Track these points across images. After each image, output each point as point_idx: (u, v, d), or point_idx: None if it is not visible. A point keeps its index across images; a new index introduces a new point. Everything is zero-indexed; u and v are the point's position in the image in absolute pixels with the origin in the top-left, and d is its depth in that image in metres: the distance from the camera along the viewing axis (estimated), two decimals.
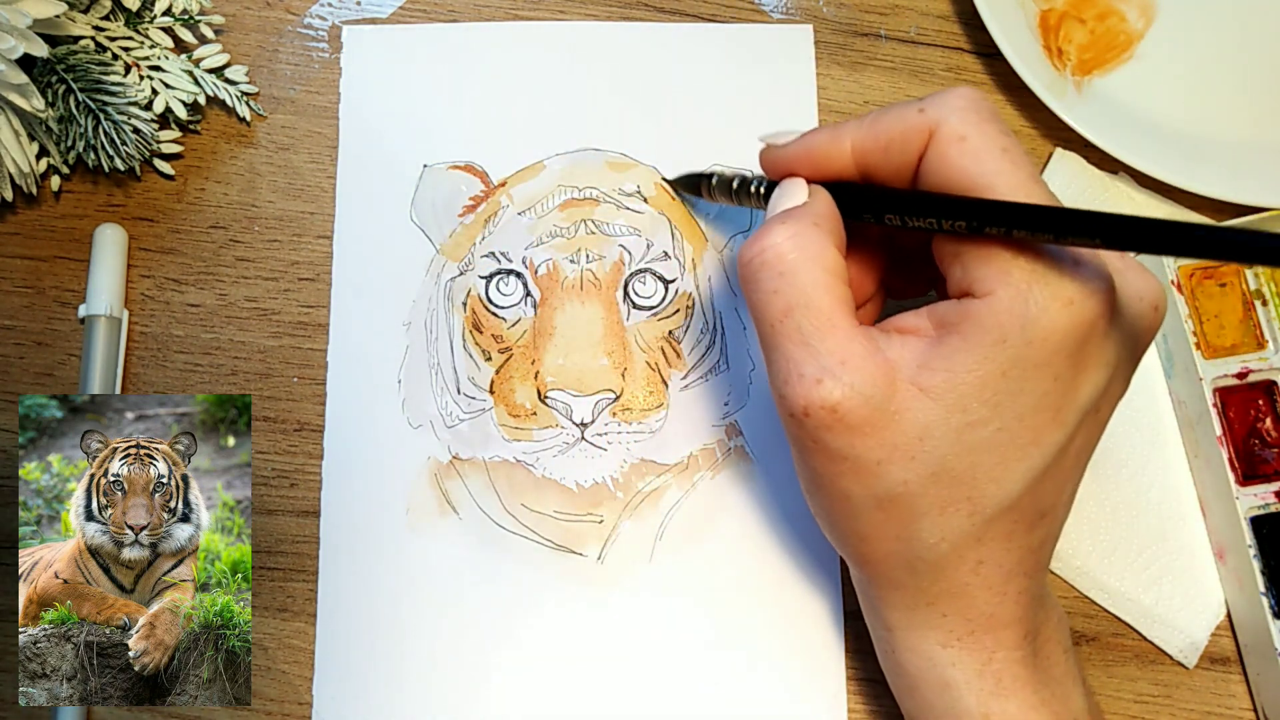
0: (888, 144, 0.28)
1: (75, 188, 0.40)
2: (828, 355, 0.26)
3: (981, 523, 0.27)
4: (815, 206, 0.29)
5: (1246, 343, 0.39)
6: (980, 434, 0.26)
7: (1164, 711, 0.38)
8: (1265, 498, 0.38)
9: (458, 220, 0.40)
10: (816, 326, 0.26)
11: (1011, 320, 0.25)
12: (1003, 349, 0.25)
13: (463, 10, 0.42)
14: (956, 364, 0.25)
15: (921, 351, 0.26)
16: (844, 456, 0.26)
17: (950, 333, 0.26)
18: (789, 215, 0.28)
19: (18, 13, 0.33)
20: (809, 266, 0.27)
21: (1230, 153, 0.42)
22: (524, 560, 0.38)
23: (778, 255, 0.27)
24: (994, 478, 0.26)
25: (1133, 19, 0.43)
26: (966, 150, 0.26)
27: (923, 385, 0.26)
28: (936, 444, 0.26)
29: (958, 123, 0.26)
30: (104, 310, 0.38)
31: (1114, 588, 0.39)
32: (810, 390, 0.26)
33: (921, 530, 0.27)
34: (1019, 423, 0.26)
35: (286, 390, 0.39)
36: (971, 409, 0.25)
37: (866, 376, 0.26)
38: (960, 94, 0.27)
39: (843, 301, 0.27)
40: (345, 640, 0.37)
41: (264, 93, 0.41)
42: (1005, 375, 0.25)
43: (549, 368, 0.39)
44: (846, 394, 0.26)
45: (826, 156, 0.29)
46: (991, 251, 0.25)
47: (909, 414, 0.26)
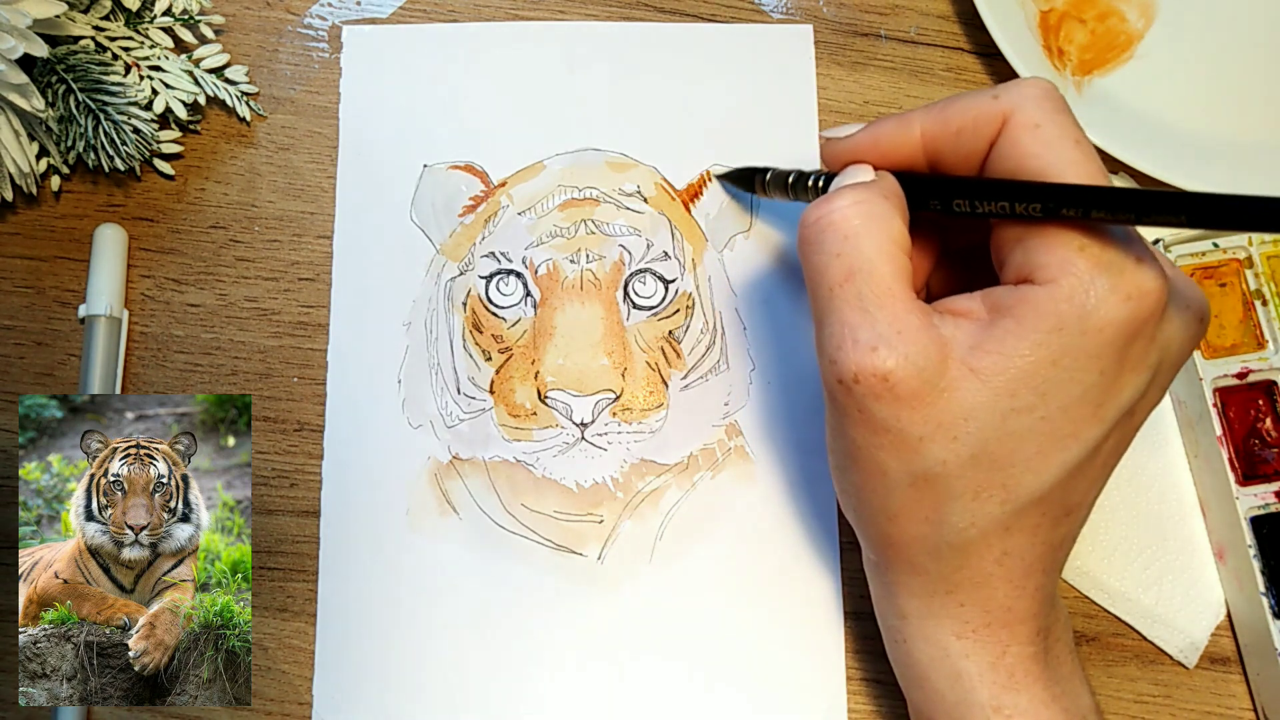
0: (959, 129, 0.28)
1: (75, 188, 0.40)
2: (885, 323, 0.26)
3: (1012, 511, 0.27)
4: (883, 183, 0.29)
5: (1246, 343, 0.39)
6: (1024, 421, 0.26)
7: (1164, 711, 0.38)
8: (1265, 498, 0.38)
9: (458, 220, 0.40)
10: (876, 294, 0.26)
11: (1070, 309, 0.25)
12: (1058, 336, 0.25)
13: (463, 10, 0.42)
14: (1009, 347, 0.25)
15: (974, 333, 0.26)
16: (887, 428, 0.27)
17: (1004, 316, 0.26)
18: (857, 186, 0.28)
19: (18, 13, 0.33)
20: (875, 233, 0.27)
21: (1230, 153, 0.42)
22: (524, 560, 0.38)
23: (844, 218, 0.27)
24: (1031, 467, 0.26)
25: (1133, 19, 0.43)
26: (1040, 138, 0.26)
27: (974, 366, 0.26)
28: (980, 426, 0.26)
29: (1033, 110, 0.27)
30: (104, 310, 0.38)
31: (1114, 588, 0.39)
32: (864, 357, 0.26)
33: (952, 513, 0.27)
34: (1062, 413, 0.26)
35: (286, 390, 0.39)
36: (1019, 394, 0.26)
37: (921, 349, 0.26)
38: (1035, 83, 0.27)
39: (904, 272, 0.27)
40: (345, 640, 0.37)
41: (264, 93, 0.41)
42: (1056, 364, 0.25)
43: (549, 368, 0.39)
44: (900, 363, 0.26)
45: (895, 143, 0.29)
46: (1057, 240, 0.26)
47: (958, 393, 0.26)
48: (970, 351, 0.26)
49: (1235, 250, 0.40)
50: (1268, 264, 0.40)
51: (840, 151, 0.31)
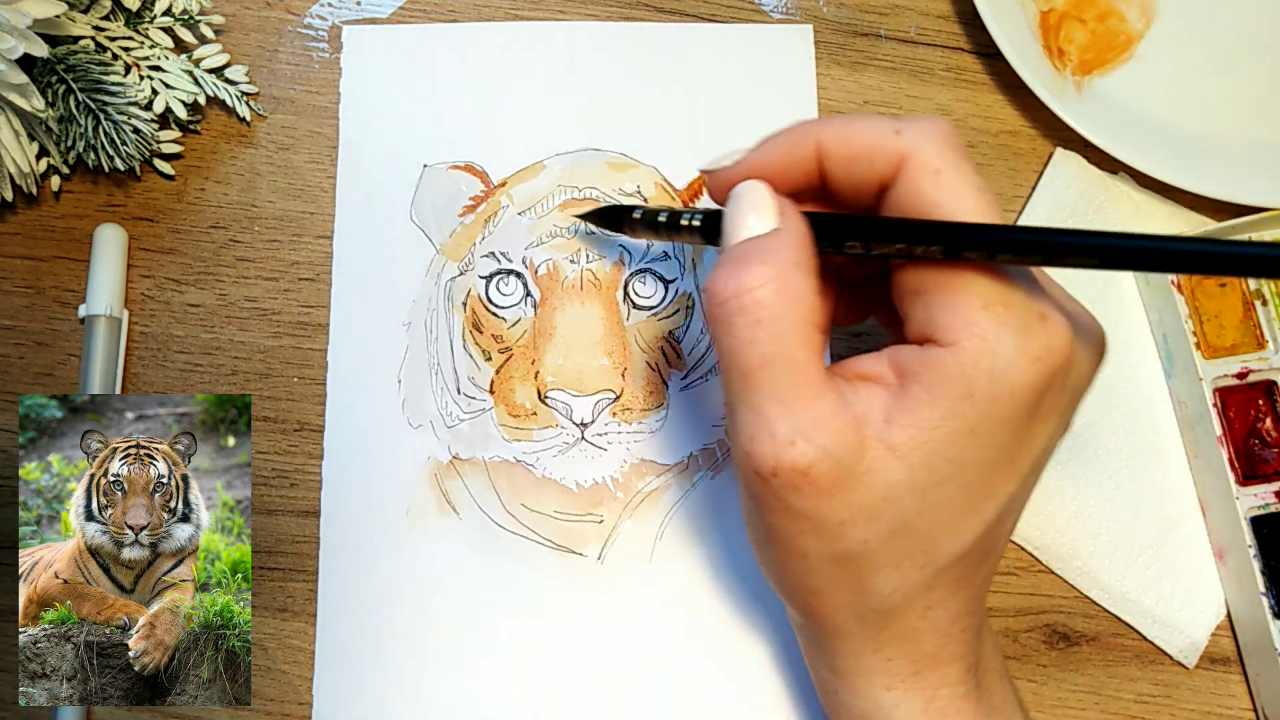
0: (854, 156, 0.26)
1: (75, 188, 0.40)
2: (802, 413, 0.25)
3: (934, 573, 0.26)
4: (792, 238, 0.26)
5: (1246, 343, 0.39)
6: (943, 491, 0.25)
7: (1164, 711, 0.38)
8: (1265, 498, 0.38)
9: (458, 220, 0.40)
10: (793, 382, 0.25)
11: (978, 374, 0.24)
12: (970, 404, 0.24)
13: (463, 10, 0.42)
14: (923, 419, 0.25)
15: (886, 403, 0.25)
16: (807, 516, 0.26)
17: (913, 382, 0.25)
18: (767, 251, 0.26)
19: (18, 13, 0.33)
20: (791, 316, 0.25)
21: (1230, 153, 0.42)
22: (524, 560, 0.38)
23: (757, 302, 0.25)
24: (951, 531, 0.26)
25: (1133, 19, 0.43)
26: (942, 185, 0.25)
27: (890, 443, 0.25)
28: (900, 503, 0.25)
29: (934, 155, 0.25)
30: (104, 310, 0.38)
31: (1114, 588, 0.39)
32: (782, 451, 0.25)
33: (875, 584, 0.26)
34: (978, 477, 0.25)
35: (286, 390, 0.39)
36: (937, 467, 0.25)
37: (839, 438, 0.25)
38: (937, 125, 0.26)
39: (819, 353, 0.26)
40: (345, 640, 0.37)
41: (264, 93, 0.41)
42: (972, 432, 0.24)
43: (549, 368, 0.39)
44: (819, 456, 0.25)
45: (789, 159, 0.27)
46: (959, 298, 0.24)
47: (878, 474, 0.25)
48: (885, 426, 0.25)
49: None
50: None
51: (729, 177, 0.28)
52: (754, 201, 0.27)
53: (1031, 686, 0.38)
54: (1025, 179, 0.42)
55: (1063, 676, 0.38)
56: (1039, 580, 0.39)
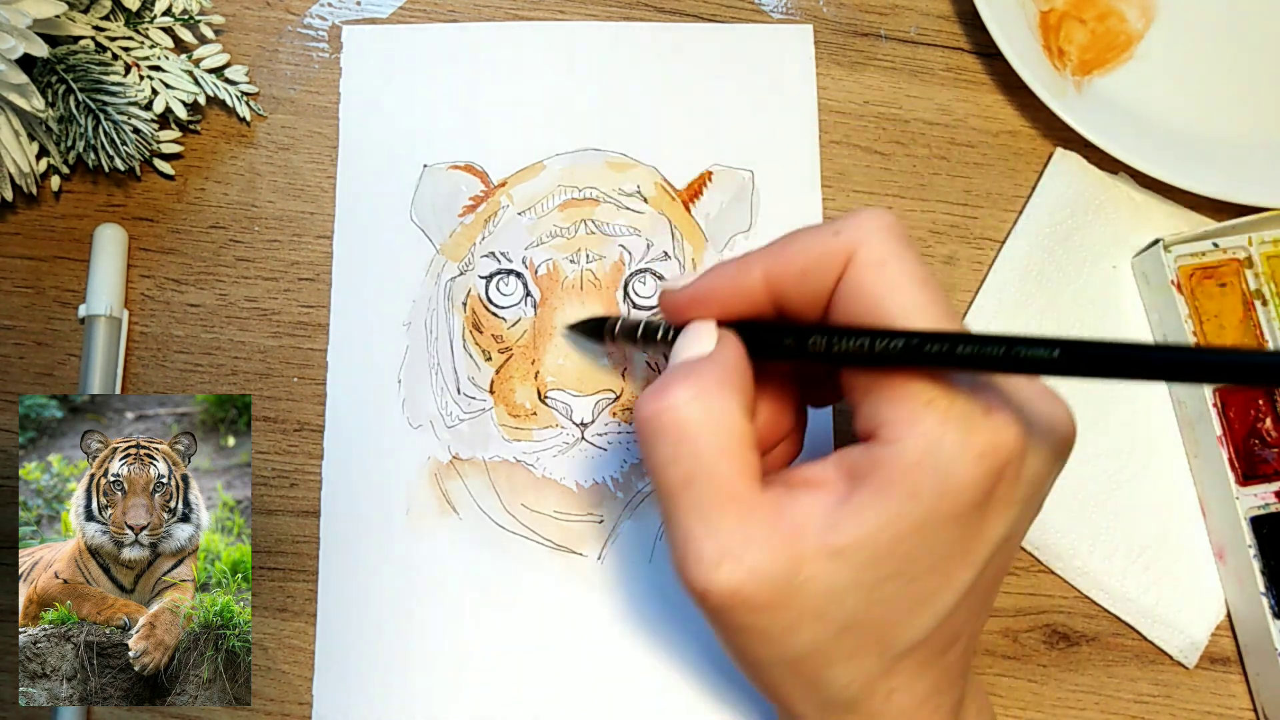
0: (803, 270, 0.26)
1: (75, 188, 0.40)
2: (728, 534, 0.25)
3: (891, 660, 0.26)
4: (722, 359, 0.26)
5: (1246, 343, 0.39)
6: (891, 587, 0.25)
7: (1164, 711, 0.38)
8: (1265, 498, 0.38)
9: (458, 220, 0.40)
10: (717, 501, 0.25)
11: (923, 474, 0.24)
12: (915, 504, 0.24)
13: (463, 10, 0.42)
14: (868, 520, 0.24)
15: (831, 509, 0.25)
16: (748, 629, 0.25)
17: (860, 486, 0.25)
18: (692, 371, 0.26)
19: (18, 13, 0.33)
20: (712, 434, 0.25)
21: (1230, 153, 0.42)
22: (524, 560, 0.38)
23: (676, 421, 0.25)
24: (903, 623, 0.25)
25: (1133, 19, 0.43)
26: (886, 278, 0.25)
27: (832, 547, 0.24)
28: (846, 602, 0.25)
29: (878, 247, 0.25)
30: (104, 310, 0.38)
31: (1114, 588, 0.39)
32: (709, 574, 0.24)
33: (832, 676, 0.26)
34: (929, 571, 0.25)
35: (286, 390, 0.39)
36: (883, 565, 0.24)
37: (769, 556, 0.24)
38: (877, 216, 0.26)
39: (746, 470, 0.25)
40: (345, 640, 0.37)
41: (264, 93, 0.41)
42: (918, 530, 0.24)
43: (549, 368, 0.39)
44: (748, 577, 0.24)
45: (734, 291, 0.27)
46: (902, 393, 0.24)
47: (819, 580, 0.24)
48: (828, 531, 0.24)
49: (1235, 250, 0.40)
50: (1268, 264, 0.40)
51: (678, 304, 0.28)
52: (696, 334, 0.28)
53: (1031, 686, 0.38)
54: (1025, 179, 0.42)
55: (1063, 676, 0.38)
56: (1039, 580, 0.39)
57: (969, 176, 0.42)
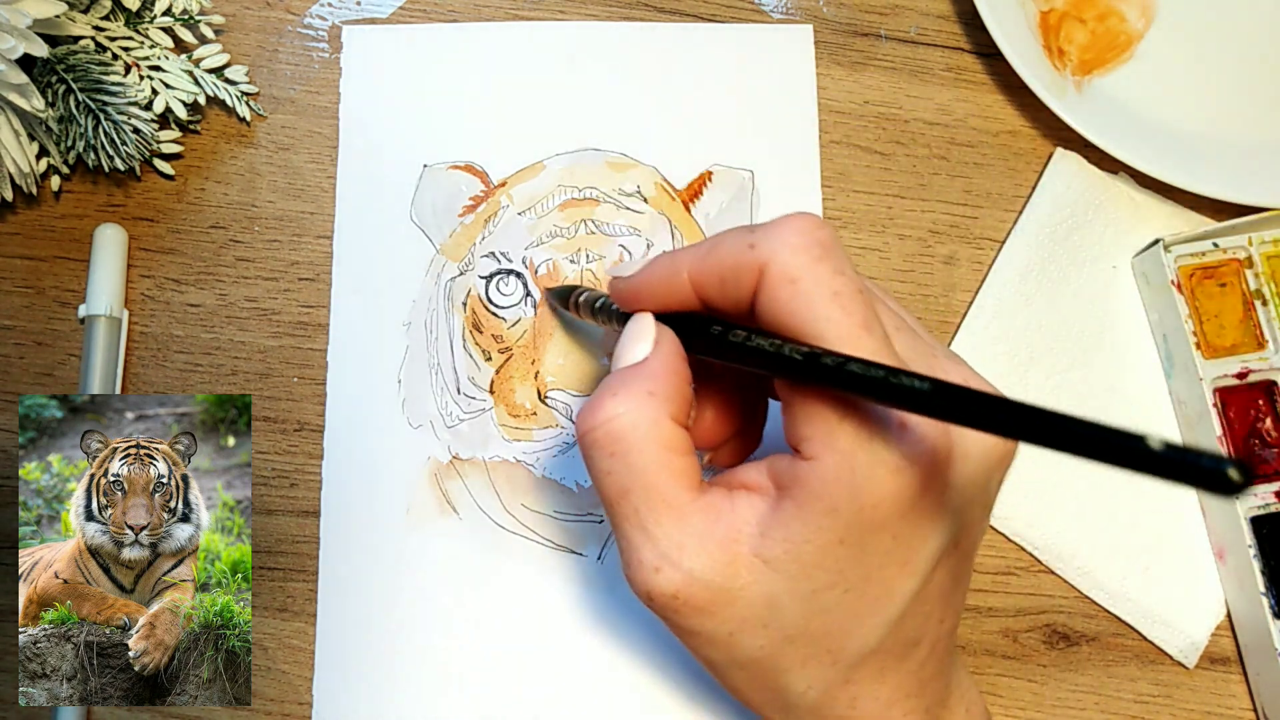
0: (721, 278, 0.26)
1: (75, 188, 0.40)
2: (664, 540, 0.25)
3: (846, 668, 0.26)
4: (652, 367, 0.27)
5: (1246, 343, 0.39)
6: (829, 596, 0.25)
7: (1164, 711, 0.38)
8: (1265, 498, 0.38)
9: (458, 220, 0.40)
10: (652, 508, 0.25)
11: (839, 489, 0.24)
12: (835, 518, 0.24)
13: (463, 10, 0.42)
14: (794, 533, 0.24)
15: (762, 514, 0.25)
16: (696, 632, 0.26)
17: (785, 497, 0.25)
18: (622, 383, 0.26)
19: (18, 13, 0.33)
20: (643, 444, 0.26)
21: (1230, 153, 0.42)
22: (524, 560, 0.38)
23: (608, 435, 0.26)
24: (850, 632, 0.26)
25: (1133, 19, 0.43)
26: (798, 294, 0.25)
27: (765, 556, 0.25)
28: (785, 611, 0.25)
29: (789, 261, 0.25)
30: (104, 310, 0.38)
31: (1114, 588, 0.39)
32: (650, 578, 0.25)
33: (788, 683, 0.26)
34: (866, 581, 0.25)
35: (286, 390, 0.39)
36: (815, 576, 0.25)
37: (705, 560, 0.25)
38: (794, 228, 0.25)
39: (680, 475, 0.26)
40: (345, 640, 0.37)
41: (264, 93, 0.41)
42: (843, 543, 0.24)
43: (549, 368, 0.39)
44: (686, 581, 0.25)
45: (667, 287, 0.28)
46: (818, 409, 0.24)
47: (754, 587, 0.25)
48: (760, 540, 0.25)
49: (1235, 250, 0.40)
50: (1268, 264, 0.40)
51: (621, 295, 0.29)
52: (636, 332, 0.28)
53: (1031, 686, 0.38)
54: (1025, 179, 0.42)
55: (1063, 676, 0.38)
56: (1039, 580, 0.39)
57: (969, 176, 0.42)
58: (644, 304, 0.29)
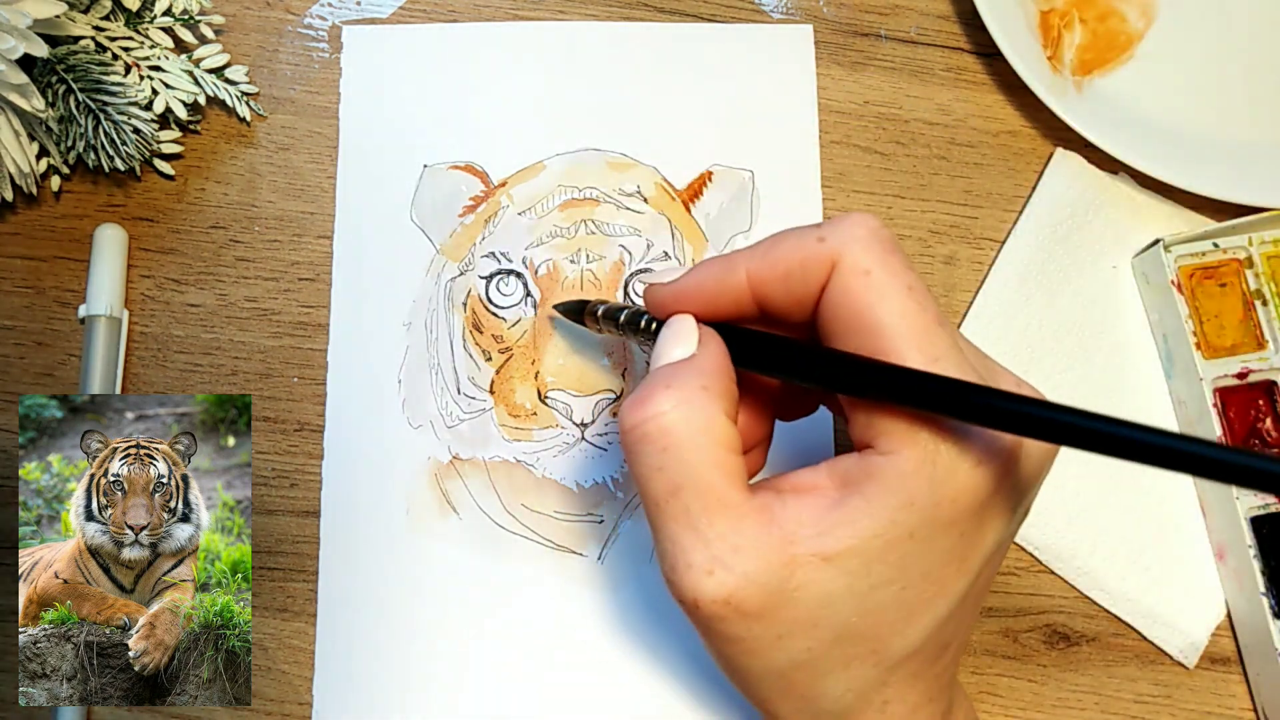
0: (786, 274, 0.26)
1: (75, 188, 0.40)
2: (718, 541, 0.24)
3: (886, 670, 0.26)
4: (703, 363, 0.26)
5: (1246, 343, 0.39)
6: (885, 594, 0.24)
7: (1164, 711, 0.38)
8: (1265, 498, 0.38)
9: (458, 220, 0.40)
10: (706, 507, 0.24)
11: (919, 483, 0.24)
12: (910, 511, 0.24)
13: (463, 10, 0.42)
14: (862, 528, 0.24)
15: (823, 514, 0.24)
16: (740, 638, 0.25)
17: (854, 493, 0.24)
18: (674, 377, 0.26)
19: (18, 13, 0.33)
20: (697, 440, 0.25)
21: (1230, 153, 0.42)
22: (524, 560, 0.38)
23: (660, 429, 0.25)
24: (898, 631, 0.25)
25: (1133, 19, 0.43)
26: (872, 286, 0.24)
27: (825, 553, 0.24)
28: (839, 609, 0.24)
29: (862, 254, 0.25)
30: (104, 310, 0.38)
31: (1114, 588, 0.39)
32: (700, 581, 0.24)
33: (826, 687, 0.26)
34: (924, 579, 0.25)
35: (286, 390, 0.39)
36: (876, 571, 0.24)
37: (762, 562, 0.24)
38: (862, 223, 0.25)
39: (734, 475, 0.25)
40: (345, 640, 0.37)
41: (264, 93, 0.41)
42: (912, 537, 0.24)
43: (549, 368, 0.39)
44: (740, 584, 0.24)
45: (719, 290, 0.27)
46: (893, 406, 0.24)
47: (811, 587, 0.24)
48: (819, 537, 0.24)
49: (1235, 250, 0.40)
50: (1268, 264, 0.40)
51: (664, 299, 0.28)
52: (678, 331, 0.27)
53: (1031, 686, 0.38)
54: (1025, 179, 0.42)
55: (1063, 676, 0.38)
56: (1039, 580, 0.39)
57: (969, 176, 0.42)
58: (689, 308, 0.28)
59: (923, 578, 0.25)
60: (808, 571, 0.24)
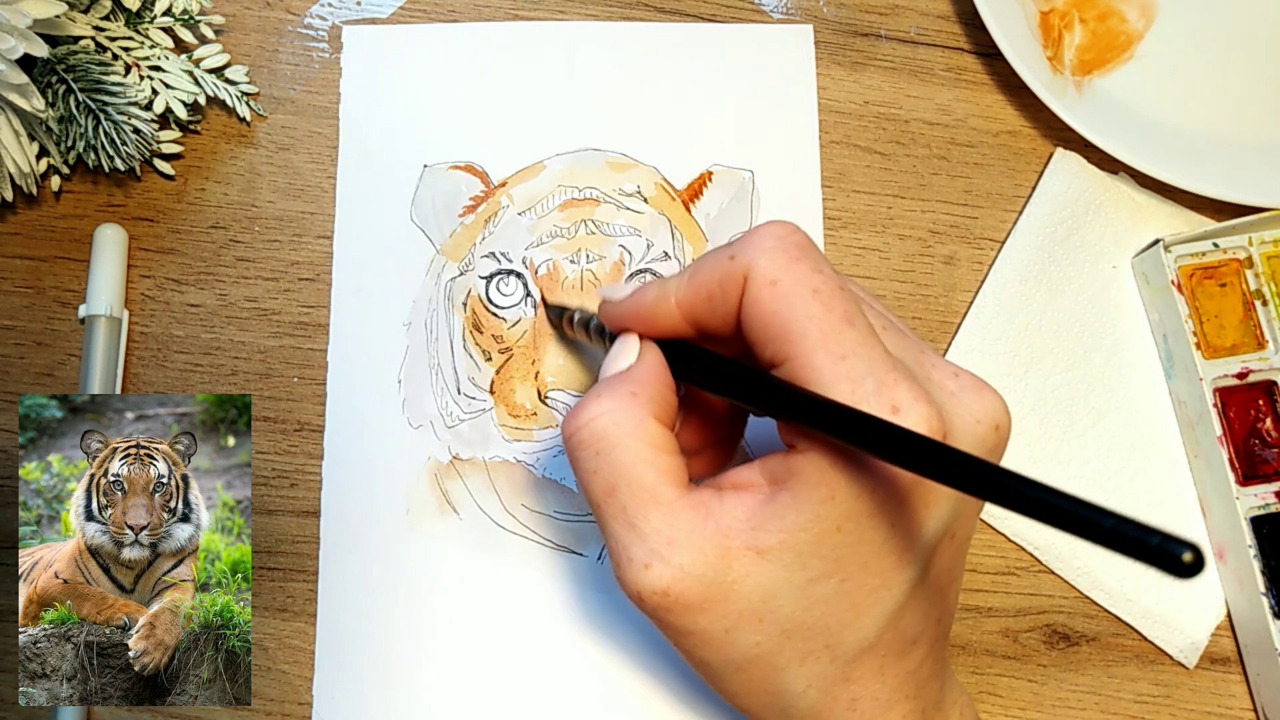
0: (709, 296, 0.27)
1: (75, 188, 0.40)
2: (653, 535, 0.25)
3: (845, 664, 0.26)
4: (637, 372, 0.28)
5: (1246, 343, 0.39)
6: (825, 587, 0.25)
7: (1164, 711, 0.38)
8: (1265, 498, 0.38)
9: (458, 220, 0.40)
10: (640, 505, 0.26)
11: (836, 477, 0.24)
12: (832, 505, 0.24)
13: (463, 10, 0.42)
14: (790, 522, 0.25)
15: (755, 509, 0.25)
16: (690, 631, 0.26)
17: (781, 489, 0.25)
18: (608, 386, 0.27)
19: (18, 13, 0.33)
20: (626, 443, 0.26)
21: (1230, 153, 0.42)
22: (524, 560, 0.38)
23: (593, 434, 0.26)
24: (848, 624, 0.25)
25: (1133, 19, 0.43)
26: (779, 294, 0.25)
27: (758, 547, 0.25)
28: (782, 603, 0.25)
29: (767, 266, 0.25)
30: (104, 310, 0.38)
31: (1114, 588, 0.39)
32: (639, 575, 0.25)
33: (787, 682, 0.26)
34: (864, 570, 0.25)
35: (286, 390, 0.39)
36: (811, 565, 0.25)
37: (697, 554, 0.25)
38: (769, 233, 0.26)
39: (667, 473, 0.26)
40: (345, 640, 0.37)
41: (264, 93, 0.41)
42: (840, 530, 0.24)
43: (549, 368, 0.39)
44: (677, 576, 0.25)
45: (655, 314, 0.28)
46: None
47: (749, 580, 0.25)
48: (753, 532, 0.25)
49: (1235, 250, 0.40)
50: (1268, 264, 0.40)
51: (611, 318, 0.30)
52: (620, 348, 0.29)
53: (1031, 686, 0.38)
54: (1025, 179, 0.42)
55: (1063, 676, 0.38)
56: (1039, 580, 0.39)
57: (969, 176, 0.42)
58: (632, 329, 0.29)
59: (861, 569, 0.25)
60: (744, 565, 0.25)
